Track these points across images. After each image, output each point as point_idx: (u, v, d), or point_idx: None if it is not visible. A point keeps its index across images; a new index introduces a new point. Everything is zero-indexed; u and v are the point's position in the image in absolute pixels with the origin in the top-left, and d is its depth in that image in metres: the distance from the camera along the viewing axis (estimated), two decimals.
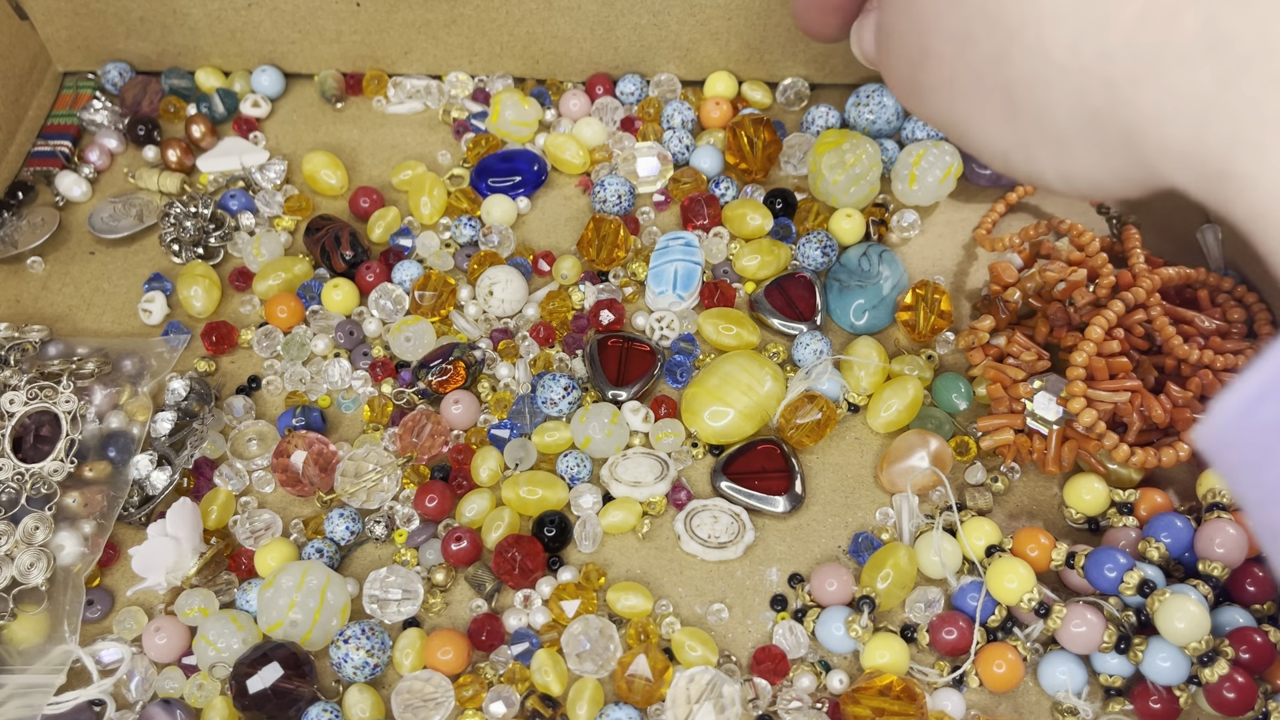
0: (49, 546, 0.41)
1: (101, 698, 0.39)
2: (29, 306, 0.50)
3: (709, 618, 0.40)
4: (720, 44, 0.53)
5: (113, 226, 0.51)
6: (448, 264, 0.50)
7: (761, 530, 0.42)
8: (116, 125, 0.56)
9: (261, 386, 0.47)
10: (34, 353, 0.46)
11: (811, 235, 0.49)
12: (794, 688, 0.39)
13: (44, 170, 0.54)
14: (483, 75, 0.56)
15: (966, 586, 0.39)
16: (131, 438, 0.44)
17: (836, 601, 0.40)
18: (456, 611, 0.41)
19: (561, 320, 0.48)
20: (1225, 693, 0.36)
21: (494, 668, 0.39)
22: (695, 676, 0.38)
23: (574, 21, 0.53)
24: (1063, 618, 0.38)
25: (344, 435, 0.46)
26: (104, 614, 0.41)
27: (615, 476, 0.43)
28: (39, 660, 0.40)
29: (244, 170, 0.54)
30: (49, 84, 0.57)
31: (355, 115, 0.56)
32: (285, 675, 0.37)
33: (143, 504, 0.43)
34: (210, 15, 0.54)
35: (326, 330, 0.48)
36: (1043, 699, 0.38)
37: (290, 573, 0.39)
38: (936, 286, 0.46)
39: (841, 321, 0.47)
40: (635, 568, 0.42)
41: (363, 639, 0.38)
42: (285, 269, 0.49)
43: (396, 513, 0.43)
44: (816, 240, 0.48)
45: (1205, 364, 0.42)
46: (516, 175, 0.52)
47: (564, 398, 0.44)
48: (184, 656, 0.40)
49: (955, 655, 0.39)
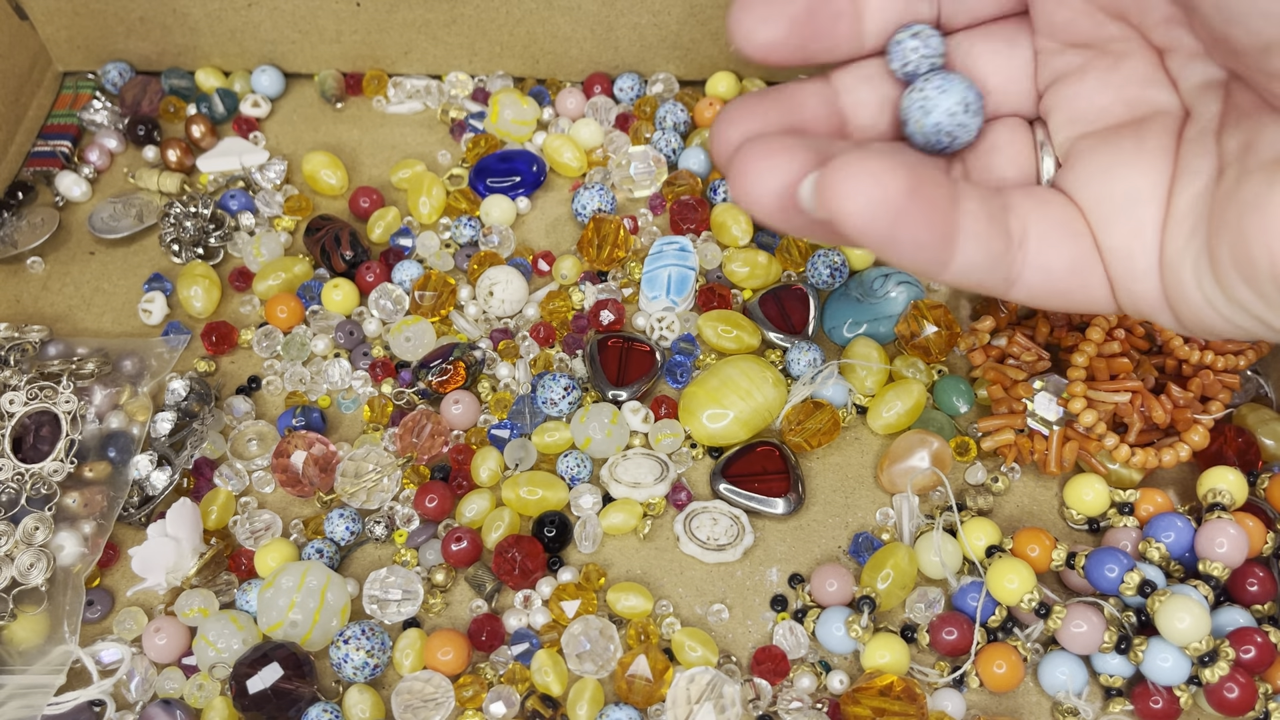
0: (49, 547, 0.41)
1: (101, 698, 0.39)
2: (29, 306, 0.50)
3: (709, 618, 0.40)
4: (721, 44, 0.53)
5: (113, 226, 0.51)
6: (448, 264, 0.50)
7: (761, 531, 0.42)
8: (116, 125, 0.56)
9: (261, 387, 0.47)
10: (34, 353, 0.46)
11: (821, 254, 0.48)
12: (794, 688, 0.39)
13: (44, 170, 0.54)
14: (482, 75, 0.56)
15: (967, 587, 0.39)
16: (131, 438, 0.44)
17: (837, 602, 0.40)
18: (456, 612, 0.41)
19: (561, 320, 0.48)
20: (1226, 693, 0.36)
21: (494, 668, 0.39)
22: (695, 677, 0.38)
23: (574, 21, 0.53)
24: (1063, 618, 0.38)
25: (344, 435, 0.46)
26: (104, 614, 0.41)
27: (615, 477, 0.43)
28: (39, 661, 0.40)
29: (244, 170, 0.54)
30: (49, 84, 0.57)
31: (355, 115, 0.56)
32: (285, 676, 0.37)
33: (143, 504, 0.43)
34: (210, 15, 0.54)
35: (326, 330, 0.48)
36: (1043, 699, 0.38)
37: (290, 573, 0.39)
38: (946, 313, 0.45)
39: (836, 338, 0.47)
40: (635, 568, 0.42)
41: (362, 639, 0.38)
42: (285, 269, 0.49)
43: (396, 513, 0.43)
44: (826, 261, 0.48)
45: (1206, 365, 0.42)
46: (515, 175, 0.52)
47: (564, 398, 0.44)
48: (184, 657, 0.40)
49: (955, 655, 0.39)
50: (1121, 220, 0.27)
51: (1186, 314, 0.26)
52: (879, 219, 0.23)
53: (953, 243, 0.25)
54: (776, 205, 0.25)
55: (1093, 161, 0.27)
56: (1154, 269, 0.26)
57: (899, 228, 0.23)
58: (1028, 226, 0.27)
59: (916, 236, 0.24)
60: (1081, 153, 0.28)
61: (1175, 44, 0.26)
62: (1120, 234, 0.27)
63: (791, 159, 0.25)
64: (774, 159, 0.25)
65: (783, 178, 0.25)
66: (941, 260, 0.25)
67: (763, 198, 0.25)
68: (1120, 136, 0.27)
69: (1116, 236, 0.27)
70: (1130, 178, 0.27)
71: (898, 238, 0.23)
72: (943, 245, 0.24)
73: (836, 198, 0.23)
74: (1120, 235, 0.27)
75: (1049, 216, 0.27)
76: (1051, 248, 0.27)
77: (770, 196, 0.25)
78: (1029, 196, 0.27)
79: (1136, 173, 0.27)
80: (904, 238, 0.23)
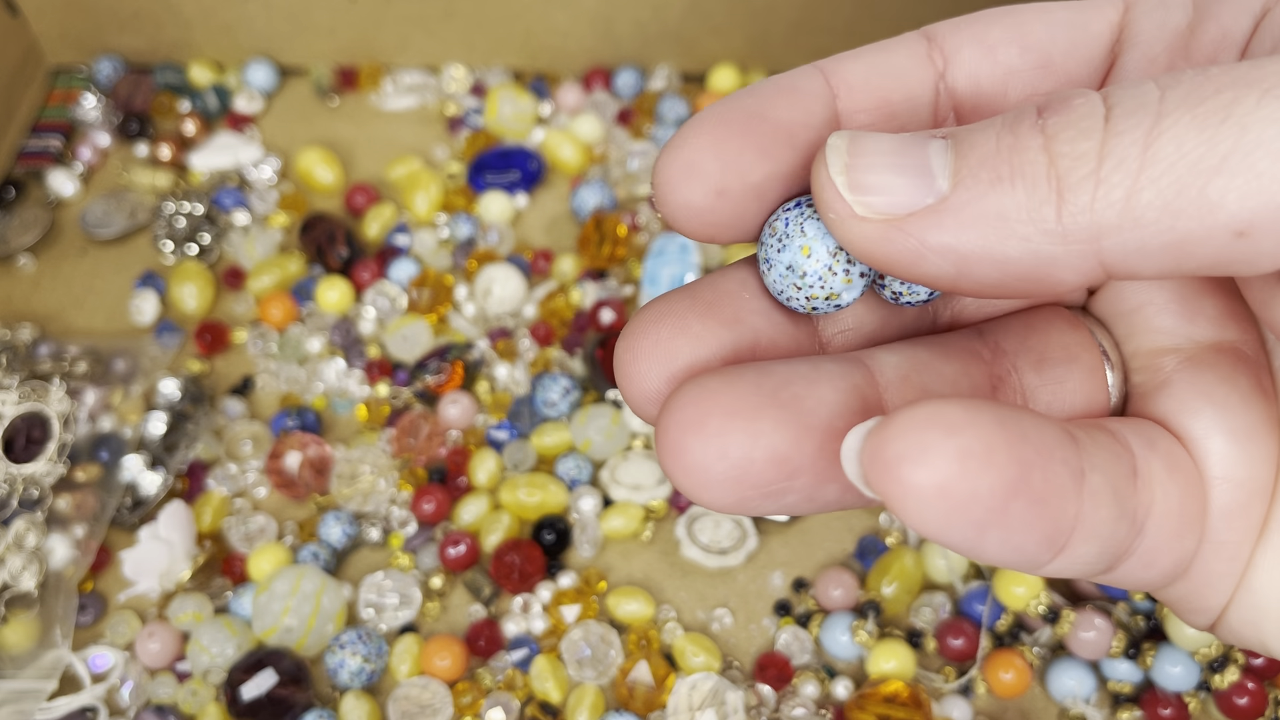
0: (40, 550, 0.41)
1: (94, 704, 0.38)
2: (20, 306, 0.49)
3: (712, 624, 0.40)
4: (722, 37, 0.53)
5: (105, 224, 0.51)
6: (445, 262, 0.49)
7: (765, 535, 0.42)
8: (109, 120, 0.55)
9: (255, 387, 0.46)
10: (25, 353, 0.46)
11: None
12: (798, 695, 0.38)
13: (35, 168, 0.53)
14: (480, 70, 0.55)
15: (974, 592, 0.39)
16: (123, 440, 0.43)
17: (841, 607, 0.39)
18: (454, 617, 0.40)
19: (561, 320, 0.47)
20: (1236, 699, 0.36)
21: (492, 674, 0.39)
22: (698, 683, 0.37)
23: (573, 15, 0.52)
24: (1071, 623, 0.37)
25: (339, 437, 0.45)
26: (96, 619, 0.41)
27: (615, 479, 0.42)
28: (30, 666, 0.39)
29: (237, 167, 0.53)
30: (41, 79, 0.56)
31: (350, 111, 0.55)
32: (280, 682, 0.37)
33: (135, 507, 0.42)
34: (203, 9, 0.53)
35: (321, 330, 0.47)
36: (1051, 706, 0.38)
37: (285, 577, 0.39)
38: None
39: None
40: (636, 572, 0.41)
41: (358, 645, 0.38)
42: (279, 267, 0.49)
43: (393, 516, 0.42)
44: None
45: None
46: (514, 171, 0.51)
47: (563, 398, 0.43)
48: (177, 662, 0.39)
49: (962, 661, 0.38)
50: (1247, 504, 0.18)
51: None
52: (964, 518, 0.14)
53: (1064, 545, 0.16)
54: (738, 485, 0.16)
55: (1215, 412, 0.18)
56: (1236, 577, 0.18)
57: (990, 530, 0.14)
58: (1154, 501, 0.17)
59: (1015, 541, 0.15)
60: (1185, 384, 0.19)
61: None
62: (1230, 529, 0.18)
63: (757, 413, 0.16)
64: (737, 419, 0.16)
65: (747, 444, 0.16)
66: (1039, 564, 0.16)
67: (720, 482, 0.16)
68: (1247, 382, 0.19)
69: (1227, 531, 0.18)
70: (1261, 460, 0.18)
71: (984, 542, 0.15)
72: (1048, 548, 0.15)
73: (898, 478, 0.14)
74: (1229, 530, 0.18)
75: (1178, 484, 0.17)
76: (1166, 530, 0.17)
77: (728, 475, 0.16)
78: (1153, 451, 0.18)
79: (1266, 451, 0.18)
80: (994, 542, 0.15)
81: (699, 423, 0.16)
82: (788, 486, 0.16)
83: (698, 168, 0.17)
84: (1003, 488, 0.14)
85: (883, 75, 0.19)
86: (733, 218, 0.18)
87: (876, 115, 0.19)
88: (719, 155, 0.17)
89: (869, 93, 0.19)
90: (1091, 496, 0.16)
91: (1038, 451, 0.15)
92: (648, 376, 0.18)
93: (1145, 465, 0.17)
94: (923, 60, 0.19)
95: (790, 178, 0.18)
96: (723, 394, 0.16)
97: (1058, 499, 0.15)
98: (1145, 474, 0.17)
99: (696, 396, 0.16)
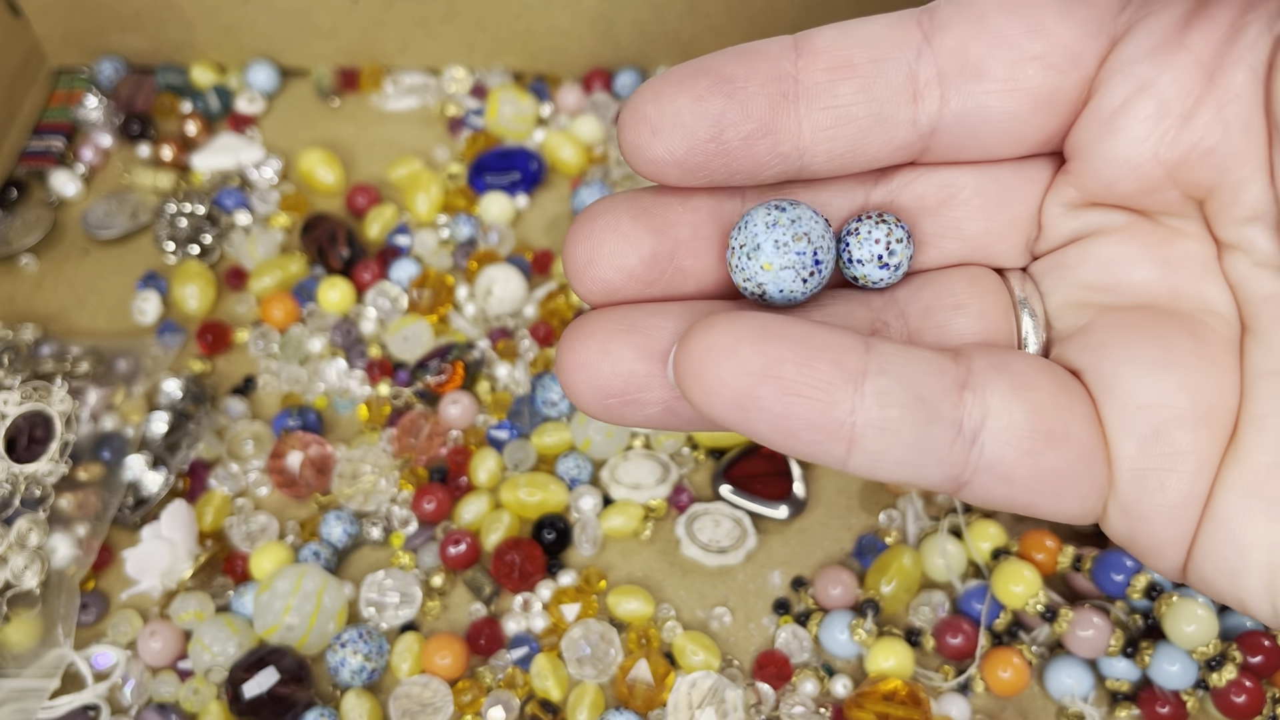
0: (43, 549, 0.41)
1: (96, 702, 0.39)
2: (22, 306, 0.49)
3: (711, 622, 0.40)
4: (722, 38, 0.53)
5: (107, 224, 0.51)
6: (446, 262, 0.49)
7: (764, 534, 0.42)
8: (111, 121, 0.55)
9: (257, 387, 0.46)
10: (27, 353, 0.46)
11: None
12: (797, 693, 0.38)
13: (37, 168, 0.53)
14: (481, 71, 0.56)
15: (972, 590, 0.39)
16: (125, 439, 0.43)
17: (840, 605, 0.40)
18: (455, 616, 0.41)
19: (561, 320, 0.47)
20: (1234, 697, 0.36)
21: (493, 672, 0.39)
22: (697, 681, 0.37)
23: (574, 16, 0.52)
24: (1069, 621, 0.37)
25: (340, 436, 0.45)
26: (98, 618, 0.41)
27: (615, 478, 0.42)
28: (32, 664, 0.39)
29: (239, 167, 0.53)
30: (43, 80, 0.56)
31: (351, 112, 0.56)
32: (281, 680, 0.37)
33: (137, 506, 0.42)
34: (205, 10, 0.53)
35: (323, 330, 0.47)
36: (1049, 704, 0.38)
37: (286, 576, 0.39)
38: None
39: None
40: (636, 571, 0.41)
41: (360, 643, 0.38)
42: (281, 268, 0.49)
43: (394, 515, 0.43)
44: None
45: None
46: (514, 172, 0.51)
47: (563, 398, 0.44)
48: (179, 661, 0.40)
49: (961, 660, 0.38)
50: (1157, 435, 0.20)
51: (1221, 578, 0.20)
52: (720, 399, 0.18)
53: (851, 438, 0.18)
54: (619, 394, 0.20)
55: (1126, 349, 0.20)
56: (1193, 509, 0.20)
57: (750, 411, 0.18)
58: (989, 414, 0.19)
59: (781, 425, 0.18)
60: (1104, 328, 0.21)
61: (1245, 244, 0.20)
62: (1155, 455, 0.20)
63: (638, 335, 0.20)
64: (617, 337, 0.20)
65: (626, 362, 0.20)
66: (836, 456, 0.19)
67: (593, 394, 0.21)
68: (1170, 328, 0.21)
69: (1150, 457, 0.20)
70: (1182, 388, 0.20)
71: (752, 422, 0.18)
72: (827, 437, 0.18)
73: (676, 370, 0.19)
74: (1155, 456, 0.20)
75: (1025, 401, 0.20)
76: (1013, 445, 0.19)
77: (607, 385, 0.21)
78: (999, 371, 0.20)
79: (1191, 382, 0.20)
80: (762, 424, 0.18)
81: (574, 345, 0.20)
82: (640, 399, 0.20)
83: (645, 116, 0.20)
84: (747, 375, 0.18)
85: (852, 40, 0.21)
86: (668, 154, 0.20)
87: (834, 75, 0.20)
88: (656, 100, 0.20)
89: (832, 54, 0.20)
90: (878, 396, 0.18)
91: (794, 349, 0.18)
92: (592, 266, 0.21)
93: (980, 381, 0.19)
94: (908, 28, 0.21)
95: (722, 119, 0.20)
96: (597, 322, 0.20)
97: (819, 390, 0.18)
98: (979, 389, 0.19)
99: (581, 322, 0.21)
